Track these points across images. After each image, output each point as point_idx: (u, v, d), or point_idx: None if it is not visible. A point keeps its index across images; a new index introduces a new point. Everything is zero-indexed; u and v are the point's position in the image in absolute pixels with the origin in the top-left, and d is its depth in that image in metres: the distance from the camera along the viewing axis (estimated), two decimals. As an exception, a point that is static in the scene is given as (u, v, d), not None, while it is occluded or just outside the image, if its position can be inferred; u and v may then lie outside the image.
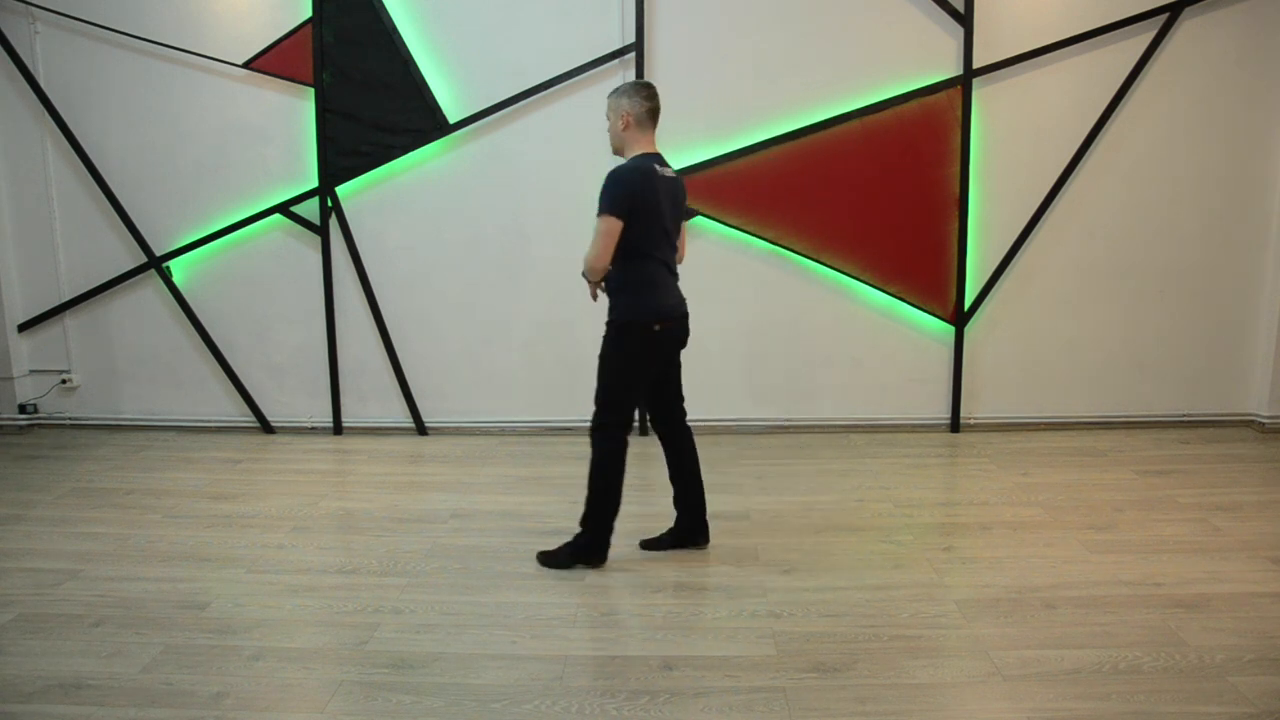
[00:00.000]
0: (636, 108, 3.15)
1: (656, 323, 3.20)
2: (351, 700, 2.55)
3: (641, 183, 3.11)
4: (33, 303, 5.17)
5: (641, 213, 3.12)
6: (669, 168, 3.23)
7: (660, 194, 3.14)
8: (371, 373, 5.15)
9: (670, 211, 3.20)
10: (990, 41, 4.74)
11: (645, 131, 3.18)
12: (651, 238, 3.17)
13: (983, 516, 3.84)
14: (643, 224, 3.13)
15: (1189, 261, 4.95)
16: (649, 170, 3.13)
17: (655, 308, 3.21)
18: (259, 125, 4.92)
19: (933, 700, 2.52)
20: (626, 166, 3.15)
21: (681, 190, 3.30)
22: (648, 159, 3.17)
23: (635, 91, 3.17)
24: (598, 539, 3.36)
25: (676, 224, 3.27)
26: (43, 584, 3.27)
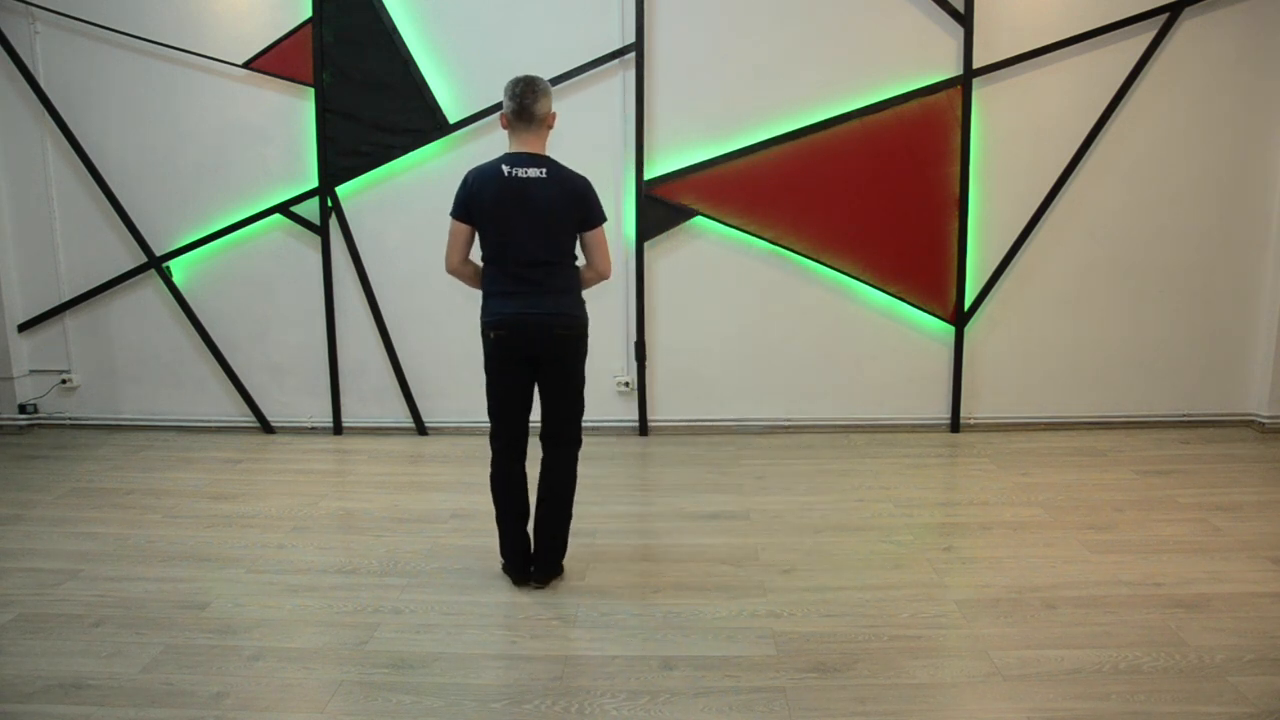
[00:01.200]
0: (505, 107, 3.04)
1: (490, 330, 3.08)
2: (351, 700, 2.55)
3: (475, 184, 3.01)
4: (33, 303, 5.17)
5: (478, 216, 3.03)
6: (537, 168, 3.00)
7: (504, 197, 2.97)
8: (371, 373, 5.15)
9: (523, 213, 2.99)
10: (990, 41, 4.74)
11: (515, 131, 3.04)
12: (489, 241, 3.05)
13: (983, 516, 3.84)
14: (482, 228, 3.05)
15: (1189, 261, 4.95)
16: (492, 172, 3.00)
17: (488, 314, 3.10)
18: (259, 125, 4.92)
19: (933, 700, 2.52)
20: (474, 168, 3.07)
21: (557, 192, 3.01)
22: (502, 159, 3.02)
23: (505, 91, 3.03)
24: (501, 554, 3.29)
25: (544, 228, 3.02)
26: (43, 584, 3.27)
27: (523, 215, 3.00)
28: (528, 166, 3.00)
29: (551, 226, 3.04)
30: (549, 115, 3.06)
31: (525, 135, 3.04)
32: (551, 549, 3.24)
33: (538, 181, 3.00)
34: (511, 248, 3.03)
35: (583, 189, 3.08)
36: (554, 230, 3.05)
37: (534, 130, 3.04)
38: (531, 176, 3.00)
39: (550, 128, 3.10)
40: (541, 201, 3.00)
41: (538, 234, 3.02)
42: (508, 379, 3.14)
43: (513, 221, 3.01)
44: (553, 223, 3.04)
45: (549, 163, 3.04)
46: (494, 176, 3.00)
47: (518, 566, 3.24)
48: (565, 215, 3.05)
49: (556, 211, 3.03)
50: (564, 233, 3.08)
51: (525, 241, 3.02)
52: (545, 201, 3.00)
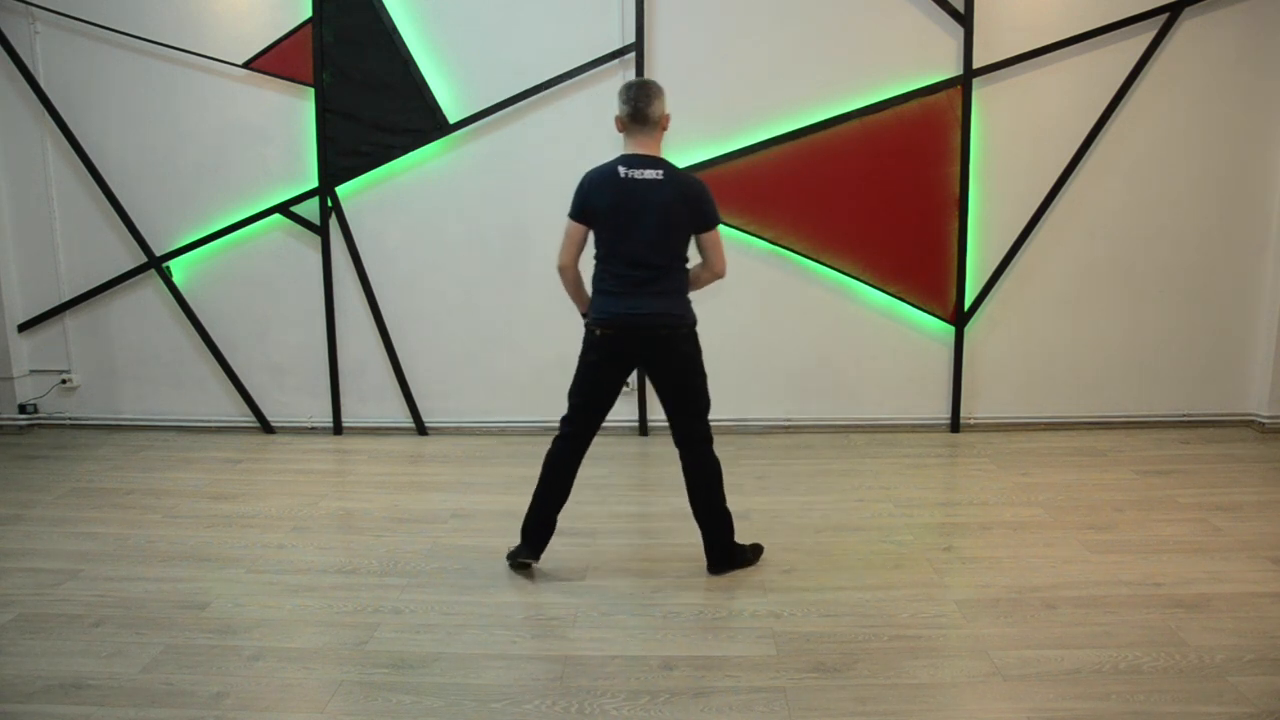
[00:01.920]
0: (619, 110, 3.10)
1: (596, 328, 3.14)
2: (351, 700, 2.55)
3: (590, 185, 3.07)
4: (33, 303, 5.17)
5: (594, 216, 3.08)
6: (653, 169, 3.04)
7: (620, 198, 3.02)
8: (371, 373, 5.15)
9: (638, 215, 3.02)
10: (990, 41, 4.74)
11: (630, 134, 3.10)
12: (602, 241, 3.12)
13: (983, 516, 3.84)
14: (596, 227, 3.11)
15: (1189, 261, 4.95)
16: (608, 172, 3.05)
17: (597, 312, 3.14)
18: (259, 125, 4.92)
19: (933, 700, 2.52)
20: (591, 169, 3.12)
21: (673, 194, 3.04)
22: (617, 160, 3.07)
23: (619, 94, 3.11)
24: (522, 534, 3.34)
25: (659, 230, 3.05)
26: (43, 584, 3.27)
27: (638, 217, 3.04)
28: (644, 168, 3.04)
29: (666, 228, 3.07)
30: (663, 117, 3.11)
31: (640, 137, 3.09)
32: (720, 544, 3.29)
33: (654, 183, 3.03)
34: (624, 248, 3.07)
35: (699, 191, 3.10)
36: (668, 232, 3.08)
37: (649, 132, 3.09)
38: (648, 178, 3.03)
39: (664, 129, 3.14)
40: (657, 204, 3.03)
41: (652, 236, 3.06)
42: (601, 377, 3.18)
43: (627, 223, 3.05)
44: (668, 225, 3.07)
45: (665, 165, 3.07)
46: (610, 177, 3.05)
47: (535, 546, 3.29)
48: (681, 217, 3.08)
49: (672, 214, 3.06)
50: (678, 235, 3.11)
51: (638, 243, 3.06)
52: (661, 204, 3.03)
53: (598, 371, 3.18)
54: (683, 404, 3.20)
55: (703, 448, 3.24)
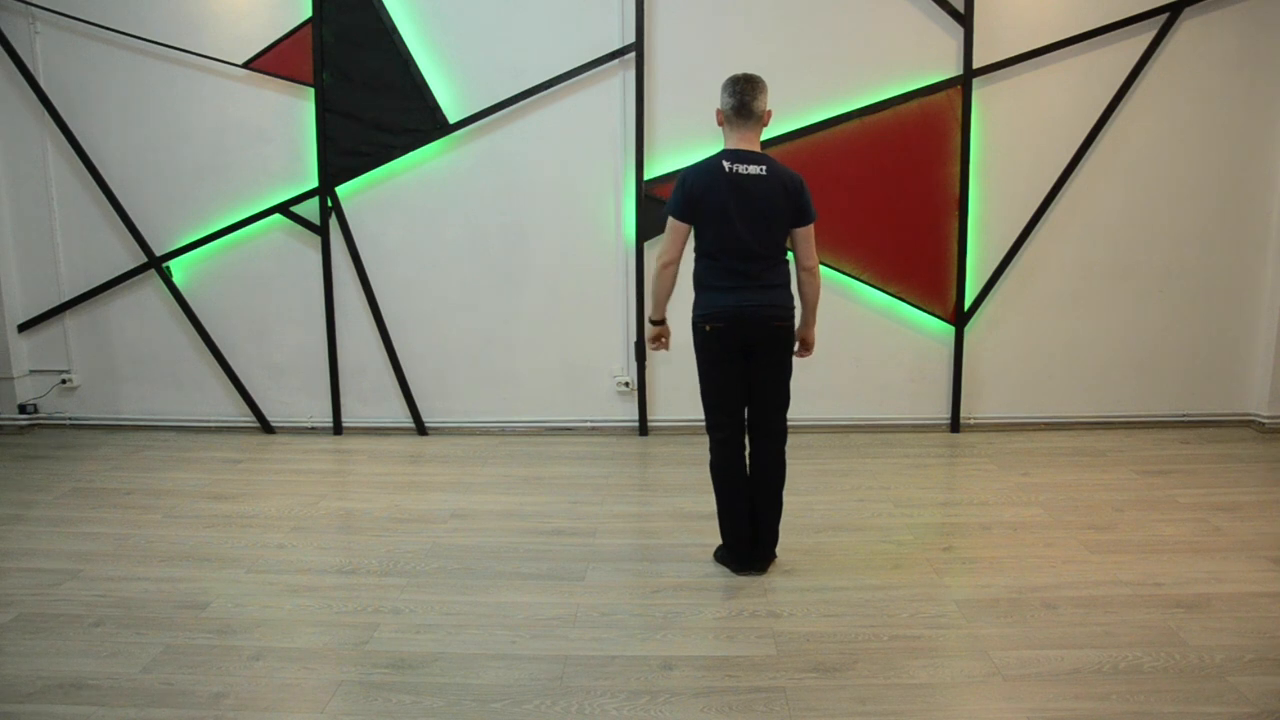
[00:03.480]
0: (724, 104, 3.11)
1: (706, 323, 3.15)
2: (351, 700, 2.55)
3: (696, 180, 3.08)
4: (33, 303, 5.17)
5: (699, 211, 3.09)
6: (758, 165, 3.07)
7: (726, 192, 3.04)
8: (371, 373, 5.15)
9: (744, 209, 3.05)
10: (990, 41, 4.74)
11: (732, 128, 3.12)
12: (707, 237, 3.13)
13: (983, 516, 3.84)
14: (701, 223, 3.12)
15: (1189, 261, 4.95)
16: (712, 168, 3.07)
17: (704, 308, 3.17)
18: (259, 125, 4.92)
19: (933, 700, 2.52)
20: (691, 165, 3.14)
21: (777, 188, 3.07)
22: (721, 155, 3.09)
23: (724, 88, 3.12)
24: (723, 541, 3.36)
25: (764, 224, 3.08)
26: (43, 584, 3.27)
27: (744, 211, 3.07)
28: (749, 164, 3.08)
29: (770, 222, 3.11)
30: (766, 112, 3.14)
31: (744, 132, 3.11)
32: (766, 540, 3.31)
33: (759, 178, 3.07)
34: (731, 242, 3.09)
35: (799, 186, 3.15)
36: (772, 226, 3.12)
37: (752, 127, 3.12)
38: (753, 174, 3.07)
39: (766, 124, 3.17)
40: (762, 198, 3.07)
41: (758, 229, 3.09)
42: (727, 370, 3.19)
43: (734, 217, 3.07)
44: (772, 219, 3.11)
45: (768, 160, 3.11)
46: (715, 173, 3.07)
47: (742, 556, 3.30)
48: (783, 212, 3.12)
49: (776, 208, 3.10)
50: (780, 229, 3.15)
51: (745, 236, 3.08)
52: (766, 198, 3.07)
53: (720, 366, 3.19)
54: (771, 396, 3.24)
55: (779, 444, 3.28)
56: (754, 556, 3.30)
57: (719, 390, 3.22)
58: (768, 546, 3.32)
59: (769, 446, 3.27)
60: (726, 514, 3.30)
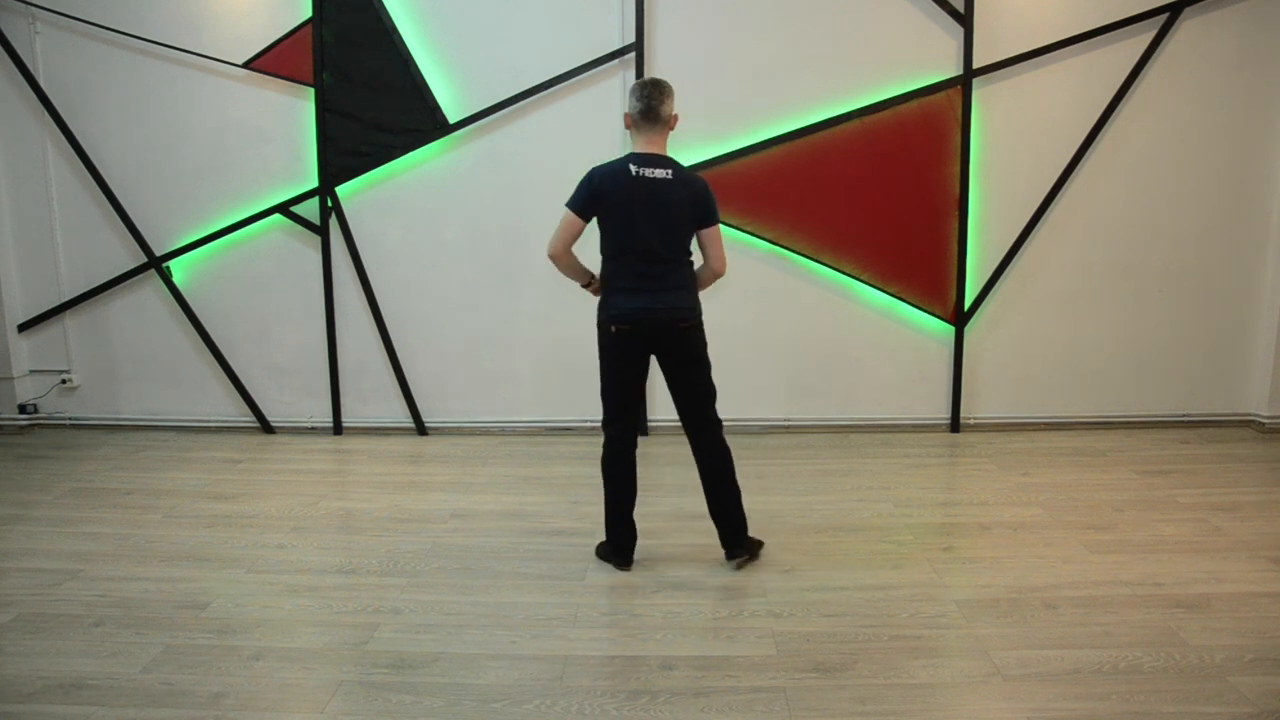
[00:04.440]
0: (631, 108, 3.16)
1: (612, 324, 3.19)
2: (351, 700, 2.55)
3: (602, 181, 3.11)
4: (33, 303, 5.17)
5: (604, 214, 3.14)
6: (663, 168, 3.10)
7: (631, 195, 3.07)
8: (371, 373, 5.15)
9: (649, 212, 3.08)
10: (990, 41, 4.74)
11: (640, 131, 3.15)
12: (613, 239, 3.17)
13: (983, 516, 3.84)
14: (606, 225, 3.17)
15: (1189, 261, 4.95)
16: (619, 170, 3.10)
17: (610, 310, 3.20)
18: (259, 125, 4.92)
19: (933, 700, 2.52)
20: (598, 165, 3.17)
21: (681, 192, 3.12)
22: (627, 158, 3.13)
23: (631, 93, 3.17)
24: (607, 537, 3.41)
25: (669, 227, 3.12)
26: (43, 584, 3.27)
27: (649, 214, 3.11)
28: (655, 167, 3.11)
29: (675, 225, 3.15)
30: (672, 117, 3.18)
31: (651, 135, 3.16)
32: (736, 528, 3.36)
33: (664, 182, 3.11)
34: (636, 245, 3.14)
35: (703, 189, 3.19)
36: (677, 229, 3.16)
37: (659, 131, 3.16)
38: (659, 177, 3.11)
39: (672, 129, 3.20)
40: (668, 201, 3.11)
41: (662, 232, 3.13)
42: (628, 371, 3.25)
43: (639, 220, 3.10)
44: (676, 222, 3.15)
45: (673, 164, 3.15)
46: (620, 175, 3.10)
47: (624, 551, 3.37)
48: (688, 214, 3.16)
49: (680, 211, 3.14)
50: (685, 231, 3.19)
51: (650, 239, 3.12)
52: (671, 201, 3.11)
53: (622, 367, 3.25)
54: (693, 392, 3.28)
55: (716, 432, 3.32)
56: (726, 546, 3.36)
57: (618, 389, 3.27)
58: (740, 533, 3.36)
59: (708, 437, 3.31)
60: (612, 510, 3.36)
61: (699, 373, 3.27)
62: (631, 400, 3.30)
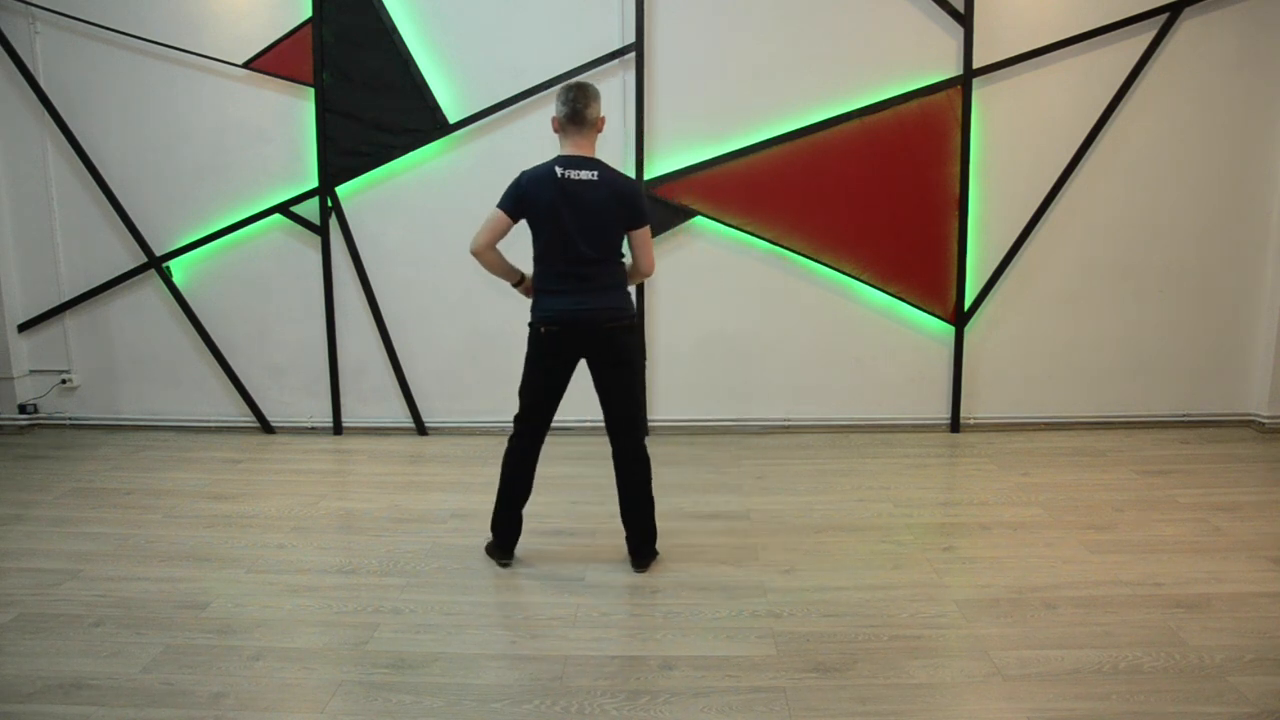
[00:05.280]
0: (558, 112, 3.17)
1: (541, 325, 3.23)
2: (351, 700, 2.55)
3: (530, 183, 3.14)
4: (33, 303, 5.17)
5: (531, 216, 3.17)
6: (589, 170, 3.11)
7: (557, 197, 3.09)
8: (371, 373, 5.15)
9: (575, 214, 3.10)
10: (990, 41, 4.74)
11: (566, 135, 3.18)
12: (541, 241, 3.20)
13: (983, 516, 3.84)
14: (535, 228, 3.20)
15: (1189, 261, 4.95)
16: (544, 174, 3.12)
17: (540, 311, 3.24)
18: (259, 125, 4.92)
19: (933, 700, 2.52)
20: (530, 168, 3.19)
21: (606, 194, 3.12)
22: (555, 161, 3.15)
23: (558, 96, 3.18)
24: (492, 532, 3.44)
25: (594, 228, 3.13)
26: (43, 584, 3.27)
27: (575, 216, 3.12)
28: (580, 169, 3.13)
29: (602, 226, 3.16)
30: (599, 119, 3.20)
31: (576, 138, 3.18)
32: (645, 536, 3.36)
33: (589, 184, 3.12)
34: (563, 247, 3.16)
35: (631, 191, 3.22)
36: (604, 230, 3.17)
37: (585, 134, 3.17)
38: (584, 179, 3.12)
39: (599, 131, 3.22)
40: (593, 203, 3.12)
41: (589, 234, 3.15)
42: (551, 373, 3.28)
43: (565, 222, 3.12)
44: (603, 223, 3.16)
45: (599, 165, 3.17)
46: (547, 178, 3.12)
47: (506, 546, 3.41)
48: (614, 216, 3.17)
49: (606, 212, 3.15)
50: (613, 232, 3.21)
51: (577, 241, 3.14)
52: (596, 203, 3.13)
53: (546, 369, 3.28)
54: (619, 396, 3.29)
55: (638, 438, 3.33)
56: (633, 553, 3.36)
57: (534, 390, 3.31)
58: (648, 543, 3.36)
59: (627, 443, 3.31)
60: (501, 505, 3.38)
61: (627, 376, 3.28)
62: (547, 403, 3.32)
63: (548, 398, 3.32)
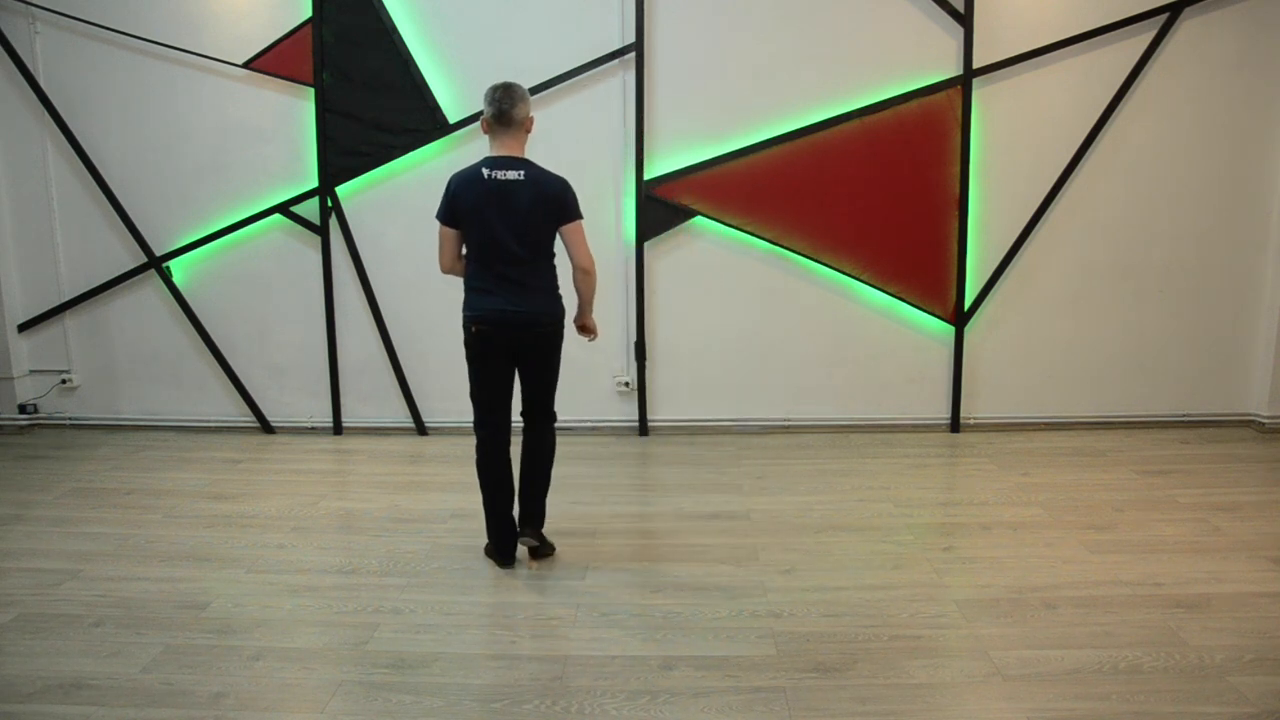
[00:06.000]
0: (486, 113, 3.18)
1: (472, 324, 3.26)
2: (351, 700, 2.55)
3: (458, 186, 3.17)
4: (33, 303, 5.17)
5: (460, 217, 3.18)
6: (515, 170, 3.13)
7: (484, 198, 3.11)
8: (371, 373, 5.15)
9: (503, 214, 3.12)
10: (990, 41, 4.74)
11: (494, 134, 3.19)
12: (471, 241, 3.22)
13: (983, 516, 3.84)
14: (463, 228, 3.21)
15: (1189, 261, 4.95)
16: (472, 176, 3.15)
17: (470, 309, 3.28)
18: (259, 125, 4.92)
19: (933, 700, 2.52)
20: (456, 172, 3.22)
21: (533, 192, 3.13)
22: (481, 163, 3.17)
23: (485, 97, 3.18)
24: (488, 536, 3.46)
25: (523, 227, 3.14)
26: (43, 584, 3.27)
27: (502, 216, 3.14)
28: (506, 169, 3.15)
29: (529, 226, 3.17)
30: (527, 119, 3.22)
31: (505, 139, 3.20)
32: (533, 513, 3.42)
33: (516, 183, 3.14)
34: (492, 247, 3.18)
35: (558, 188, 3.20)
36: (532, 229, 3.18)
37: (513, 134, 3.19)
38: (510, 179, 3.14)
39: (528, 131, 3.24)
40: (520, 202, 3.14)
41: (517, 233, 3.16)
42: (490, 369, 3.32)
43: (493, 222, 3.14)
44: (530, 222, 3.17)
45: (527, 165, 3.18)
46: (474, 180, 3.15)
47: (504, 550, 3.40)
48: (542, 215, 3.18)
49: (534, 211, 3.16)
50: (541, 232, 3.21)
51: (505, 241, 3.16)
52: (523, 202, 3.14)
53: (484, 366, 3.32)
54: (538, 385, 3.38)
55: (547, 424, 3.45)
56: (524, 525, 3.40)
57: (480, 388, 3.34)
58: (535, 517, 3.41)
59: (537, 425, 3.43)
60: (488, 511, 3.40)
61: (548, 374, 3.37)
62: (497, 399, 3.35)
63: (496, 394, 3.35)
